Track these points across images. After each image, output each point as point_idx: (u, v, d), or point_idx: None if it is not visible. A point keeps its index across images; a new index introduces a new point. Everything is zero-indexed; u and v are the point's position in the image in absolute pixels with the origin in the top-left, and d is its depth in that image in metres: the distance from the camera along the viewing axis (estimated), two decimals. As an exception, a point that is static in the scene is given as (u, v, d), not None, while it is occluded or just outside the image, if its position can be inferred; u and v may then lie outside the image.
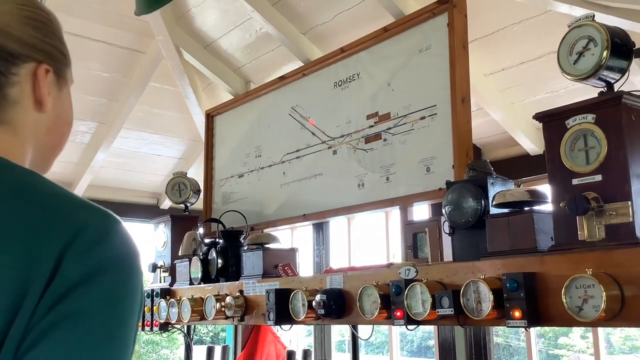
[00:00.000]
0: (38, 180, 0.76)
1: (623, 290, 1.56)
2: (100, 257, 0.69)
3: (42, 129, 0.85)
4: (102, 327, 0.67)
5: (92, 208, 0.74)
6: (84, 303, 0.67)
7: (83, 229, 0.70)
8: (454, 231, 2.15)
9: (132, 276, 0.72)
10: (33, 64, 0.82)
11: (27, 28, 0.82)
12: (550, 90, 3.53)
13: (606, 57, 1.70)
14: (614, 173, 1.66)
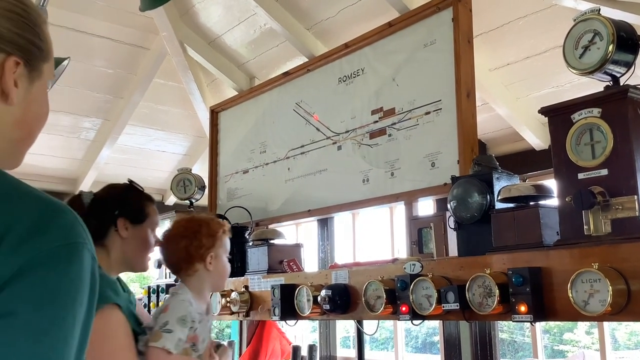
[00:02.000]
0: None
1: (629, 285, 1.56)
2: (32, 252, 0.67)
3: (9, 121, 0.83)
4: (30, 325, 0.64)
5: (35, 199, 0.72)
6: (12, 302, 0.64)
7: (15, 223, 0.67)
8: (459, 226, 2.15)
9: (69, 270, 0.69)
10: (1, 55, 0.80)
11: (3, 20, 0.80)
12: (556, 84, 3.52)
13: (612, 51, 1.70)
14: (619, 167, 1.65)
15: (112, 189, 1.97)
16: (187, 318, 1.78)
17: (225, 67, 4.49)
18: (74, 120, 5.01)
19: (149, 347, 1.72)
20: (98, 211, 1.85)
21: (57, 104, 4.68)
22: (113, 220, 1.86)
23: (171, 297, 1.85)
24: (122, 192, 1.95)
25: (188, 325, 1.77)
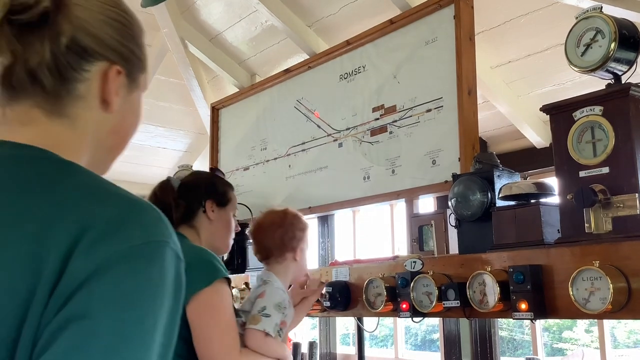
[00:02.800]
0: (69, 171, 0.74)
1: (630, 283, 1.56)
2: (110, 251, 0.64)
3: (105, 128, 0.84)
4: (109, 329, 0.62)
5: (116, 197, 0.71)
6: (88, 304, 0.62)
7: (93, 222, 0.66)
8: (460, 224, 2.15)
9: (150, 269, 0.66)
10: (105, 63, 0.81)
11: (107, 27, 0.81)
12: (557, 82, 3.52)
13: (614, 49, 1.69)
14: (621, 165, 1.65)
15: (199, 175, 2.15)
16: (282, 304, 1.93)
17: (226, 64, 4.49)
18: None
19: (249, 328, 1.86)
20: (187, 194, 2.00)
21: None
22: (202, 202, 2.00)
23: (265, 284, 1.99)
24: (208, 177, 2.11)
25: (282, 311, 1.92)
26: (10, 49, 0.75)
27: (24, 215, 0.66)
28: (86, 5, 0.79)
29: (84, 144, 0.81)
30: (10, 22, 0.74)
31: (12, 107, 0.78)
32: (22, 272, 0.63)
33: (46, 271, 0.63)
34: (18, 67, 0.75)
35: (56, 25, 0.76)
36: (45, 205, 0.67)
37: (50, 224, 0.65)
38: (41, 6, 0.74)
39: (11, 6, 0.73)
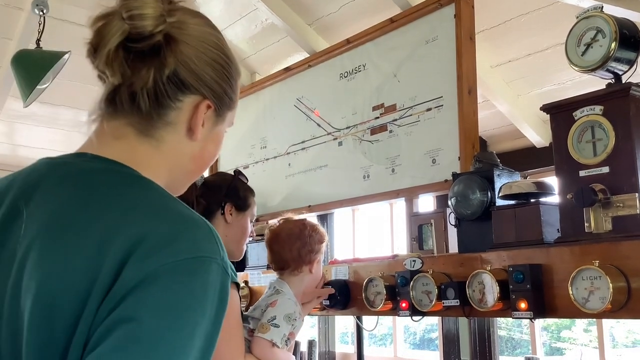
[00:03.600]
0: (138, 185, 0.81)
1: (629, 282, 1.56)
2: (160, 262, 0.70)
3: (187, 154, 0.91)
4: (150, 332, 0.67)
5: (172, 213, 0.77)
6: (136, 309, 0.68)
7: (149, 235, 0.72)
8: (459, 223, 2.15)
9: (193, 282, 0.72)
10: (199, 97, 0.89)
11: (207, 67, 0.89)
12: (557, 82, 3.53)
13: (614, 49, 1.69)
14: (621, 165, 1.65)
15: (222, 176, 2.13)
16: (292, 316, 1.92)
17: (226, 62, 4.48)
18: (74, 114, 5.00)
19: (257, 337, 1.86)
20: (208, 194, 1.98)
21: (58, 98, 4.67)
22: (221, 203, 1.99)
23: (278, 294, 1.98)
24: (231, 179, 2.09)
25: (291, 322, 1.91)
26: (121, 71, 0.83)
27: (92, 223, 0.73)
28: (192, 44, 0.87)
29: (165, 164, 0.89)
30: (125, 48, 0.83)
31: (108, 121, 0.87)
32: (83, 275, 0.69)
33: (102, 276, 0.69)
34: (123, 88, 0.84)
35: (163, 57, 0.84)
36: (110, 216, 0.74)
37: (112, 234, 0.71)
38: (155, 39, 0.83)
39: (129, 34, 0.82)
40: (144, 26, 0.82)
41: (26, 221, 0.77)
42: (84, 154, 0.86)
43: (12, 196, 0.81)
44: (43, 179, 0.81)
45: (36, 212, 0.77)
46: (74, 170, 0.82)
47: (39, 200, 0.78)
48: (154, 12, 0.83)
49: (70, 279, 0.70)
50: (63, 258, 0.71)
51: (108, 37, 0.83)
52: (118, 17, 0.83)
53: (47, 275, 0.70)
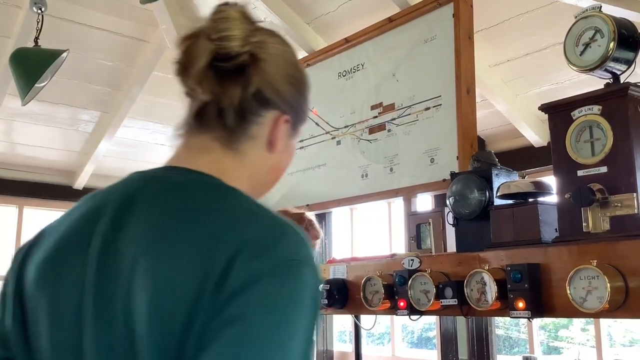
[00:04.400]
0: (233, 195, 0.86)
1: (627, 282, 1.56)
2: (263, 265, 0.75)
3: (266, 165, 0.97)
4: (261, 329, 0.73)
5: (270, 220, 0.83)
6: (243, 308, 0.73)
7: (251, 239, 0.77)
8: (458, 222, 2.15)
9: (297, 284, 0.77)
10: (278, 112, 0.94)
11: (287, 85, 0.95)
12: (555, 81, 3.53)
13: (613, 49, 1.70)
14: (619, 165, 1.66)
15: None
16: None
17: (225, 61, 4.48)
18: (72, 113, 5.00)
19: None
20: None
21: (56, 96, 4.67)
22: None
23: None
24: None
25: None
26: (211, 89, 0.89)
27: (197, 232, 0.79)
28: (274, 62, 0.93)
29: (247, 176, 0.95)
30: (213, 67, 0.88)
31: (195, 136, 0.93)
32: (194, 278, 0.74)
33: (210, 280, 0.74)
34: (212, 105, 0.90)
35: (249, 75, 0.90)
36: (214, 225, 0.79)
37: (217, 241, 0.77)
38: (241, 59, 0.89)
39: (216, 54, 0.88)
40: (232, 47, 0.88)
41: (129, 233, 0.81)
42: (176, 167, 0.91)
43: (112, 209, 0.85)
44: (140, 192, 0.86)
45: (138, 223, 0.82)
46: (170, 183, 0.88)
47: (140, 212, 0.83)
48: (241, 34, 0.89)
49: (181, 284, 0.75)
50: (173, 265, 0.76)
51: (196, 56, 0.88)
52: (204, 37, 0.89)
53: (158, 282, 0.75)
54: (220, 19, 0.89)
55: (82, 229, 0.85)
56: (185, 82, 0.91)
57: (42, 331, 0.82)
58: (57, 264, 0.84)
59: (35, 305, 0.83)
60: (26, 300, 0.85)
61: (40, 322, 0.82)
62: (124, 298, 0.77)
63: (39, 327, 0.82)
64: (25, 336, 0.84)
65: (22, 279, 0.87)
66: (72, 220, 0.89)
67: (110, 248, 0.81)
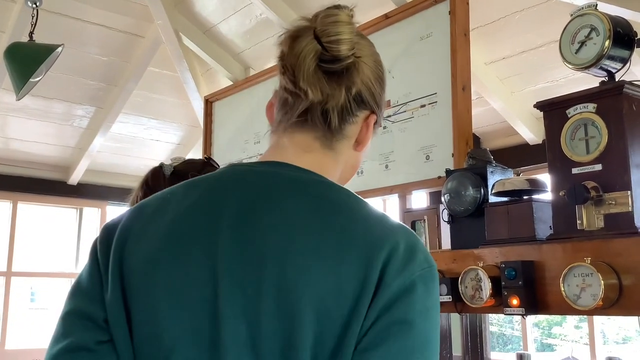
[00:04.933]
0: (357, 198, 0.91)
1: (621, 279, 1.57)
2: (413, 272, 0.82)
3: (351, 162, 1.01)
4: (422, 333, 0.80)
5: (400, 226, 0.88)
6: (407, 313, 0.80)
7: (397, 247, 0.82)
8: (452, 219, 2.15)
9: (435, 287, 0.86)
10: (369, 112, 0.98)
11: (376, 84, 0.98)
12: (551, 79, 3.53)
13: (608, 47, 1.70)
14: (614, 162, 1.66)
15: (190, 163, 2.05)
16: None
17: (220, 57, 4.48)
18: (67, 108, 4.98)
19: None
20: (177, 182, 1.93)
21: (51, 92, 4.65)
22: None
23: None
24: (200, 166, 2.01)
25: None
26: (321, 89, 0.91)
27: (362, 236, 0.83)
28: (369, 63, 0.96)
29: (338, 173, 0.99)
30: (321, 68, 0.91)
31: (298, 134, 0.95)
32: (354, 284, 0.79)
33: (372, 282, 0.79)
34: (318, 105, 0.92)
35: (352, 78, 0.93)
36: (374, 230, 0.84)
37: (379, 246, 0.81)
38: (348, 62, 0.91)
39: (322, 54, 0.90)
40: (341, 50, 0.90)
41: (266, 226, 0.83)
42: (286, 164, 0.92)
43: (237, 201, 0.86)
44: (262, 189, 0.88)
45: (276, 217, 0.84)
46: (290, 180, 0.90)
47: (274, 207, 0.85)
48: (350, 37, 0.92)
49: (346, 285, 0.79)
50: (339, 267, 0.80)
51: (305, 56, 0.90)
52: (310, 37, 0.91)
53: (323, 281, 0.79)
54: (332, 23, 0.92)
55: (202, 217, 0.86)
56: (293, 81, 0.92)
57: (155, 311, 0.82)
58: (176, 248, 0.84)
59: (148, 285, 0.83)
60: (131, 280, 0.84)
61: (153, 302, 0.82)
62: (274, 292, 0.79)
63: (150, 306, 0.82)
64: (127, 312, 0.83)
65: (124, 258, 0.86)
66: (182, 207, 0.88)
67: (245, 238, 0.83)
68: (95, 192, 5.79)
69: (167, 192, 0.95)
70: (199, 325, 0.80)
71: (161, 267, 0.83)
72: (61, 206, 5.93)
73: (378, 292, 0.79)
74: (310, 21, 0.94)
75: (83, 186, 5.71)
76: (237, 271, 0.81)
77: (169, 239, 0.85)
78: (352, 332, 0.77)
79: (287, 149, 0.95)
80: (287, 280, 0.79)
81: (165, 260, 0.84)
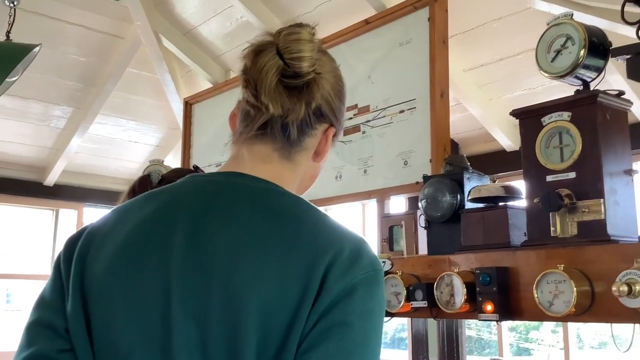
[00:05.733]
0: (309, 207, 0.94)
1: (593, 286, 1.59)
2: (355, 276, 0.85)
3: (309, 173, 1.05)
4: (361, 334, 0.84)
5: (347, 233, 0.91)
6: (346, 315, 0.83)
7: (341, 252, 0.86)
8: (429, 225, 2.17)
9: (380, 290, 0.88)
10: (328, 124, 1.02)
11: (336, 99, 1.02)
12: (528, 87, 3.57)
13: (583, 56, 1.72)
14: (587, 171, 1.68)
15: (178, 171, 2.01)
16: None
17: (201, 59, 4.45)
18: (44, 108, 4.92)
19: None
20: None
21: (28, 92, 4.59)
22: None
23: None
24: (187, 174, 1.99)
25: None
26: (282, 103, 0.94)
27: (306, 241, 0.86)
28: (328, 78, 1.00)
29: (296, 183, 1.02)
30: (282, 83, 0.94)
31: (257, 145, 0.98)
32: (297, 288, 0.82)
33: (314, 285, 0.82)
34: (278, 119, 0.96)
35: (312, 93, 0.96)
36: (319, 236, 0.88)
37: (322, 251, 0.85)
38: (308, 77, 0.95)
39: (284, 70, 0.93)
40: (303, 67, 0.94)
41: (219, 233, 0.86)
42: (243, 174, 0.96)
43: (191, 210, 0.90)
44: (217, 199, 0.91)
45: (228, 225, 0.87)
46: (249, 189, 0.93)
47: (227, 216, 0.88)
48: (311, 55, 0.96)
49: (290, 289, 0.82)
50: (283, 271, 0.83)
51: (267, 71, 0.94)
52: (272, 52, 0.94)
53: (267, 284, 0.82)
54: (295, 41, 0.95)
55: (158, 227, 0.89)
56: (255, 95, 0.95)
57: (113, 318, 0.85)
58: (133, 257, 0.87)
59: (106, 294, 0.86)
60: (91, 289, 0.87)
61: (111, 310, 0.85)
62: (222, 297, 0.82)
63: (108, 314, 0.85)
64: (87, 323, 0.86)
65: (85, 269, 0.89)
66: (140, 217, 0.92)
67: (197, 246, 0.86)
68: (72, 193, 5.72)
69: (129, 203, 0.98)
70: (152, 331, 0.83)
71: (118, 276, 0.87)
72: (37, 207, 5.85)
73: (319, 296, 0.82)
74: (274, 37, 0.97)
75: (60, 187, 5.64)
76: (189, 278, 0.84)
77: (126, 248, 0.89)
78: (294, 335, 0.80)
79: (246, 159, 0.99)
80: (234, 286, 0.82)
81: (123, 268, 0.87)
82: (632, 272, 1.47)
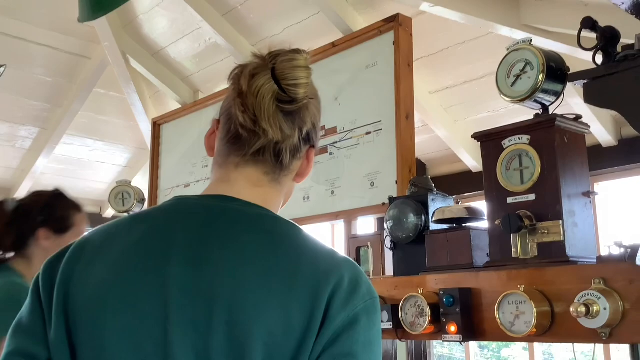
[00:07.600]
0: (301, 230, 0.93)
1: (553, 307, 1.61)
2: (356, 305, 0.85)
3: (289, 194, 1.05)
4: None
5: (344, 259, 0.91)
6: (351, 346, 0.82)
7: (342, 281, 0.85)
8: (395, 246, 2.18)
9: (378, 318, 0.89)
10: (309, 146, 1.02)
11: (317, 121, 1.02)
12: (492, 109, 3.63)
13: (542, 81, 1.76)
14: (546, 193, 1.71)
15: (37, 196, 1.89)
16: None
17: (169, 80, 4.44)
18: (9, 129, 4.86)
19: None
20: (20, 220, 1.78)
21: (-8, 111, 4.53)
22: (34, 229, 1.79)
23: None
24: (47, 199, 1.87)
25: None
26: (282, 129, 0.93)
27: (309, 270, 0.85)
28: (314, 103, 1.00)
29: (280, 204, 1.02)
30: (279, 109, 0.93)
31: (249, 168, 0.97)
32: (302, 318, 0.81)
33: (316, 317, 0.81)
34: (272, 143, 0.95)
35: (303, 117, 0.96)
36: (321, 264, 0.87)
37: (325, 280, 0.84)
38: (303, 101, 0.94)
39: (279, 95, 0.92)
40: (298, 93, 0.93)
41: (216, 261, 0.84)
42: (234, 198, 0.94)
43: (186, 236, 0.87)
44: (212, 224, 0.89)
45: (225, 257, 0.84)
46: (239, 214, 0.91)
47: (221, 246, 0.86)
48: (307, 81, 0.95)
49: (295, 318, 0.81)
50: (288, 301, 0.82)
51: (262, 96, 0.92)
52: (266, 76, 0.92)
53: (272, 314, 0.80)
54: (292, 68, 0.93)
55: (151, 251, 0.86)
56: (253, 120, 0.93)
57: (103, 348, 0.80)
58: (125, 283, 0.83)
59: (95, 322, 0.82)
60: (77, 317, 0.83)
61: (101, 339, 0.81)
62: (224, 326, 0.80)
63: (98, 343, 0.81)
64: (72, 353, 0.82)
65: (68, 295, 0.84)
66: (129, 241, 0.88)
67: (196, 273, 0.83)
68: (38, 214, 5.63)
69: (112, 226, 0.93)
70: None
71: (109, 305, 0.82)
72: (1, 229, 5.75)
73: (323, 326, 0.81)
74: (264, 60, 0.95)
75: (24, 208, 5.55)
76: (188, 307, 0.80)
77: (116, 275, 0.84)
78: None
79: (238, 183, 0.97)
80: (237, 316, 0.79)
81: (113, 297, 0.82)
82: (590, 293, 1.50)
